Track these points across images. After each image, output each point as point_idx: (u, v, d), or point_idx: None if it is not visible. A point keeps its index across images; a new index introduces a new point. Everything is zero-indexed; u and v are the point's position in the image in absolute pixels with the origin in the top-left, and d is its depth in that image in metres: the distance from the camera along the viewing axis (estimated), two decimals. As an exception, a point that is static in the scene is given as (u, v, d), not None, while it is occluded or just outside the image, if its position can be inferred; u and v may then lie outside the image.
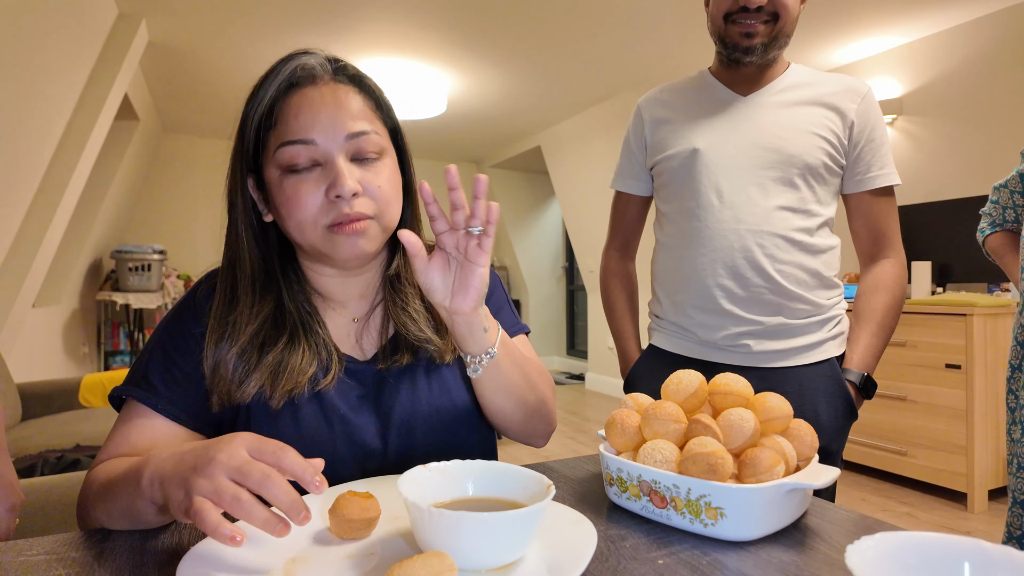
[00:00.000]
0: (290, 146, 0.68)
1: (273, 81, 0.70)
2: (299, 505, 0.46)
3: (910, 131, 3.49)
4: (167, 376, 0.70)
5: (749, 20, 1.11)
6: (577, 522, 0.55)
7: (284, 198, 0.69)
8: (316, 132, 0.68)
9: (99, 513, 0.60)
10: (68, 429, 2.28)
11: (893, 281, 1.17)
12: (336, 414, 0.71)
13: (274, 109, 0.70)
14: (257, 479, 0.46)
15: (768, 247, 1.11)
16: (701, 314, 1.16)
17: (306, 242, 0.70)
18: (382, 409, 0.74)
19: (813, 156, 1.11)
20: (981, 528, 2.48)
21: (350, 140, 0.69)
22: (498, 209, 0.62)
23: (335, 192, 0.67)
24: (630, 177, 1.32)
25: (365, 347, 0.78)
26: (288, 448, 0.49)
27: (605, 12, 3.14)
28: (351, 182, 0.67)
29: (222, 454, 0.47)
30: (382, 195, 0.71)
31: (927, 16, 3.18)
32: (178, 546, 0.54)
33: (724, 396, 0.65)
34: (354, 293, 0.79)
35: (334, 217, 0.68)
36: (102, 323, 4.75)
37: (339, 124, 0.69)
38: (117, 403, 0.73)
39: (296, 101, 0.69)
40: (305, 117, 0.68)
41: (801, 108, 1.14)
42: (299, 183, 0.68)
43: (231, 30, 3.31)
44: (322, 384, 0.71)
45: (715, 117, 1.18)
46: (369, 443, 0.73)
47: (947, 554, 0.40)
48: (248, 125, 0.71)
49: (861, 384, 1.12)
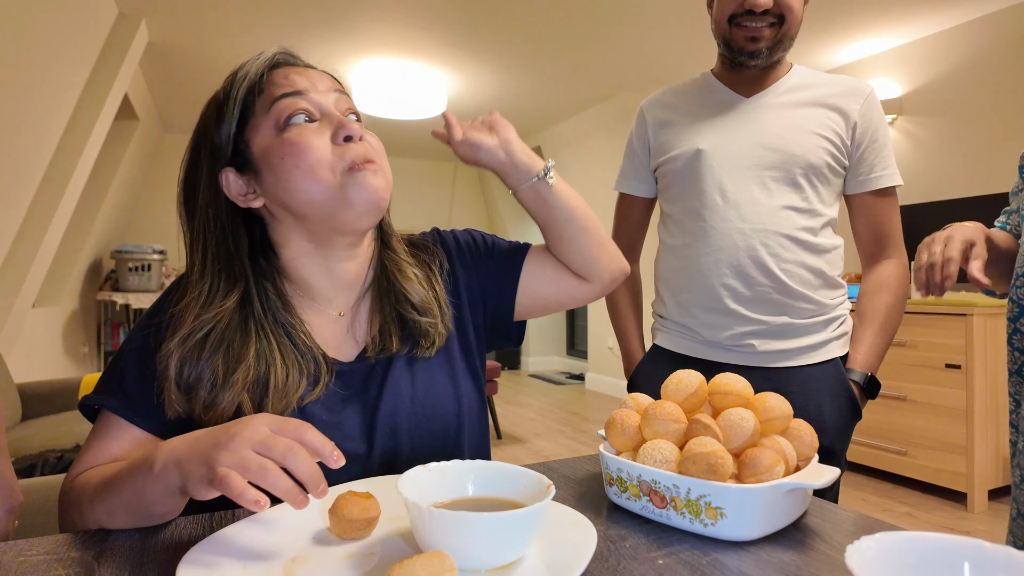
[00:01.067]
0: (286, 98, 0.68)
1: (255, 62, 0.71)
2: (319, 478, 0.48)
3: (910, 131, 3.49)
4: (143, 385, 0.67)
5: (755, 24, 1.10)
6: (577, 522, 0.55)
7: (289, 148, 0.66)
8: (308, 86, 0.70)
9: (97, 512, 0.58)
10: (68, 429, 2.28)
11: (896, 281, 1.17)
12: (319, 421, 0.69)
13: (262, 79, 0.70)
14: (282, 451, 0.48)
15: (773, 246, 1.11)
16: (706, 314, 1.16)
17: (319, 193, 0.67)
18: (367, 409, 0.73)
19: (816, 156, 1.11)
20: (981, 528, 2.48)
21: (338, 95, 0.72)
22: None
23: (344, 133, 0.67)
24: (634, 179, 1.32)
25: (351, 344, 0.76)
26: (308, 425, 0.51)
27: (605, 12, 3.14)
28: (355, 125, 0.69)
29: (245, 430, 0.49)
30: (377, 146, 0.72)
31: (927, 16, 3.18)
32: (178, 546, 0.54)
33: (724, 396, 0.65)
34: (341, 283, 0.76)
35: (352, 159, 0.67)
36: (102, 323, 4.75)
37: (326, 81, 0.72)
38: (89, 412, 0.70)
39: (284, 71, 0.71)
40: (296, 77, 0.70)
41: (804, 109, 1.14)
42: (303, 130, 0.67)
43: (231, 30, 3.31)
44: (310, 398, 0.69)
45: (718, 118, 1.18)
46: (353, 448, 0.71)
47: (947, 554, 0.40)
48: (228, 104, 0.69)
49: (865, 384, 1.12)
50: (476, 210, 7.12)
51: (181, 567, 0.47)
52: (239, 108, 0.69)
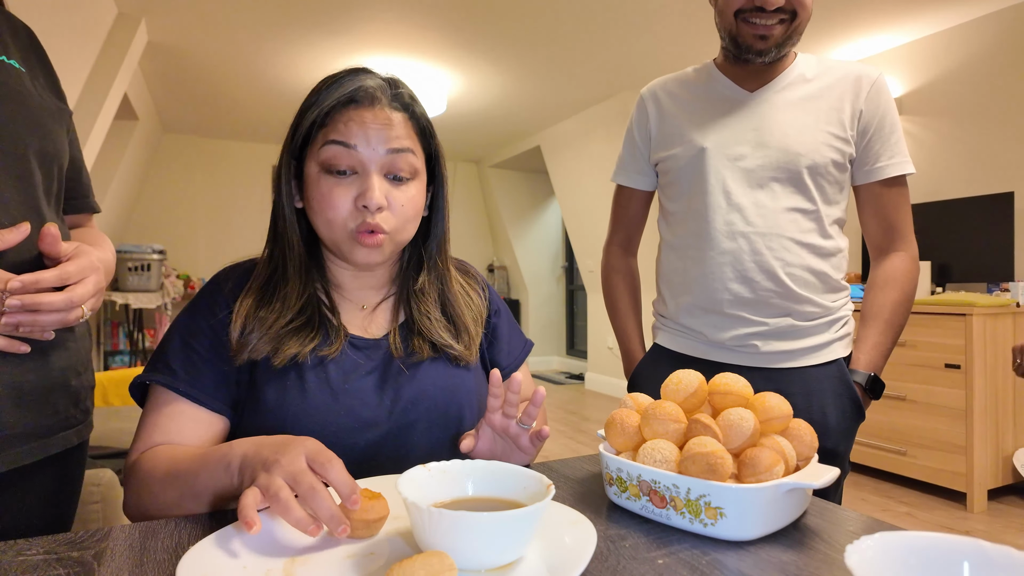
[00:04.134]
0: (333, 145, 0.75)
1: (334, 91, 0.77)
2: (338, 520, 0.52)
3: (910, 131, 3.49)
4: (187, 361, 0.74)
5: (765, 21, 1.06)
6: (577, 522, 0.55)
7: (319, 195, 0.76)
8: (359, 141, 0.75)
9: (168, 497, 0.65)
10: (68, 429, 2.27)
11: (904, 276, 1.13)
12: (340, 385, 0.76)
13: (330, 113, 0.77)
14: (303, 490, 0.53)
15: (778, 250, 1.09)
16: (708, 315, 1.14)
17: (332, 238, 0.77)
18: (388, 383, 0.79)
19: (821, 155, 1.09)
20: (980, 528, 2.48)
21: (389, 155, 0.76)
22: (547, 432, 0.73)
23: (363, 202, 0.74)
24: (633, 171, 1.29)
25: (373, 331, 0.84)
26: (337, 461, 0.56)
27: (605, 12, 3.14)
28: (379, 195, 0.74)
29: (285, 458, 0.55)
30: (403, 213, 0.78)
31: (928, 16, 3.18)
32: (178, 546, 0.54)
33: (724, 396, 0.65)
34: (365, 285, 0.86)
35: (359, 224, 0.75)
36: (102, 323, 4.75)
37: (382, 140, 0.76)
38: (139, 392, 0.77)
39: (350, 114, 0.76)
40: (354, 127, 0.75)
41: (808, 104, 1.11)
42: (335, 185, 0.75)
43: (231, 30, 3.31)
44: (324, 351, 0.77)
45: (722, 115, 1.15)
46: (370, 416, 0.76)
47: (947, 554, 0.40)
48: (303, 121, 0.78)
49: (868, 385, 1.10)
50: (476, 210, 7.12)
51: (181, 567, 0.47)
52: (307, 128, 0.78)
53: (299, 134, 0.78)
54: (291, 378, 0.74)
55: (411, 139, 0.79)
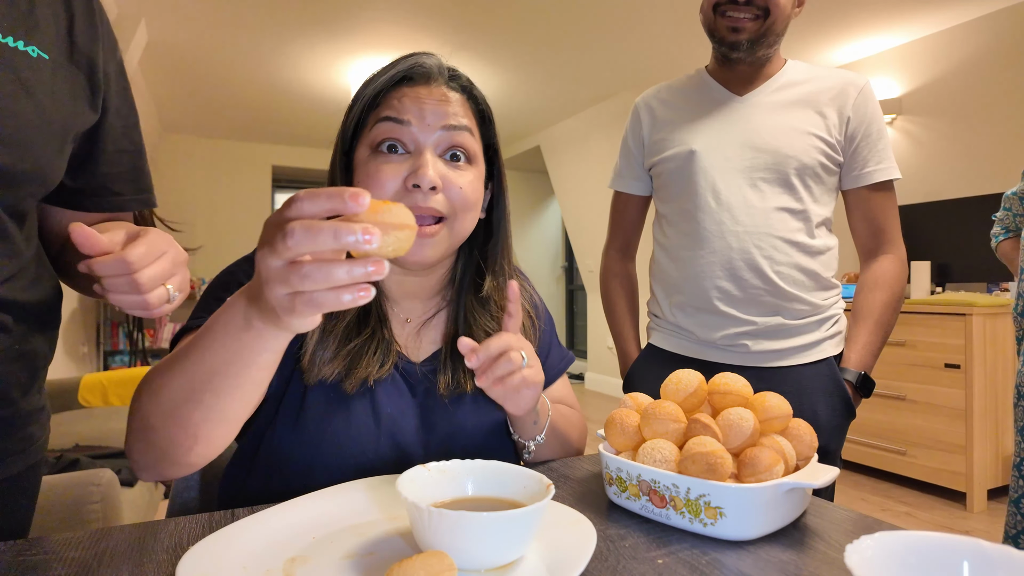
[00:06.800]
0: (385, 122, 0.68)
1: (389, 71, 0.71)
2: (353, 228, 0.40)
3: (909, 131, 3.49)
4: None
5: (738, 14, 1.10)
6: (577, 522, 0.55)
7: (366, 175, 0.68)
8: (414, 117, 0.68)
9: (177, 381, 0.53)
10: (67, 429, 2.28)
11: (892, 277, 1.16)
12: (384, 412, 0.71)
13: (381, 93, 0.71)
14: (311, 235, 0.41)
15: (766, 249, 1.11)
16: (699, 314, 1.16)
17: None
18: (426, 416, 0.73)
19: (809, 156, 1.11)
20: (980, 528, 2.48)
21: (445, 131, 0.69)
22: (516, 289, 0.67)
23: (414, 180, 0.66)
24: (629, 177, 1.33)
25: (418, 351, 0.76)
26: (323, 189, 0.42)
27: (604, 12, 3.14)
28: (432, 173, 0.66)
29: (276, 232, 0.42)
30: (461, 197, 0.69)
31: (927, 16, 3.18)
32: (177, 546, 0.54)
33: (723, 396, 0.65)
34: (407, 292, 0.77)
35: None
36: (101, 323, 4.75)
37: (439, 116, 0.69)
38: None
39: (404, 90, 0.70)
40: (408, 102, 0.69)
41: (797, 108, 1.14)
42: (384, 163, 0.67)
43: (231, 30, 3.31)
44: (375, 375, 0.70)
45: (711, 118, 1.18)
46: (410, 448, 0.72)
47: (946, 554, 0.40)
48: (355, 105, 0.72)
49: (858, 383, 1.13)
50: (476, 210, 7.12)
51: (180, 567, 0.47)
52: (359, 112, 0.72)
53: (350, 119, 0.72)
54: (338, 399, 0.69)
55: (469, 120, 0.72)
